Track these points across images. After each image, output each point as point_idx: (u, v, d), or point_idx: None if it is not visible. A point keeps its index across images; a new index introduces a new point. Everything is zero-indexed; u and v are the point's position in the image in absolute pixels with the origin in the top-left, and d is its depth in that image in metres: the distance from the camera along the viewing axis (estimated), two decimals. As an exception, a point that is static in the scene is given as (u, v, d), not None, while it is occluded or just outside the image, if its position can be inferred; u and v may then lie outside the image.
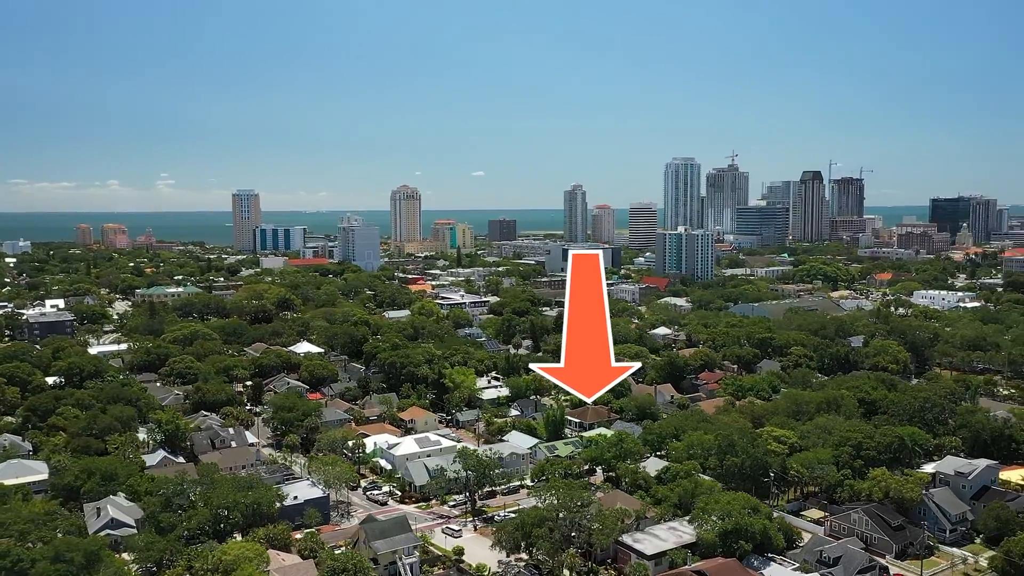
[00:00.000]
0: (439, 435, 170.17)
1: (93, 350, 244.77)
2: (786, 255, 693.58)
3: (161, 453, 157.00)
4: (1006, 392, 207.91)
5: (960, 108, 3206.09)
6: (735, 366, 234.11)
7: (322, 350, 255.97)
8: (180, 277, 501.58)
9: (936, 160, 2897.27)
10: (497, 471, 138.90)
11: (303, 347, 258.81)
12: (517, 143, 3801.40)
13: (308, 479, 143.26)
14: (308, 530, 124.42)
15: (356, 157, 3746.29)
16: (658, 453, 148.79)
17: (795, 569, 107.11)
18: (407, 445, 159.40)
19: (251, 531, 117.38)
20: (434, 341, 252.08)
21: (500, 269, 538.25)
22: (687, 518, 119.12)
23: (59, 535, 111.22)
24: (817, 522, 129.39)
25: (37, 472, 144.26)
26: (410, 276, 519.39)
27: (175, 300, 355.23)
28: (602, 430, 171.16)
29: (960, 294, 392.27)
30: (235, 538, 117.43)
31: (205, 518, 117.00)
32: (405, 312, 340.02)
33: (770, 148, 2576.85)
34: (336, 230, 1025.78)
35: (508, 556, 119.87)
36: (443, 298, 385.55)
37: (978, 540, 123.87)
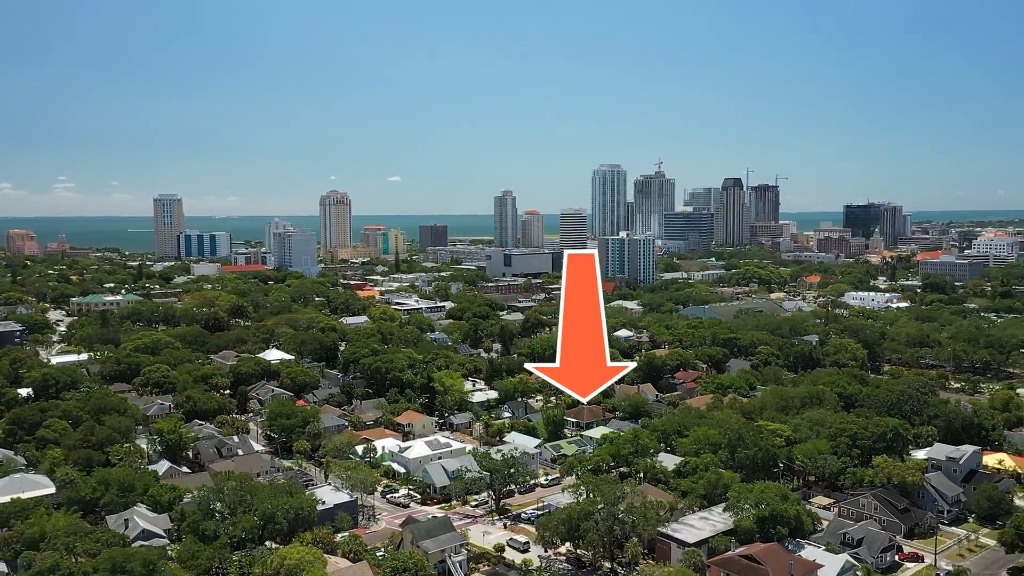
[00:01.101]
0: (447, 438, 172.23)
1: (55, 360, 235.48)
2: (713, 259, 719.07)
3: (166, 463, 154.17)
4: (957, 385, 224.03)
5: (866, 120, 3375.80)
6: (705, 365, 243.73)
7: (292, 357, 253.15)
8: (112, 285, 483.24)
9: (843, 169, 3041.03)
10: (520, 470, 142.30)
11: (273, 354, 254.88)
12: (435, 148, 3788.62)
13: (330, 484, 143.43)
14: (343, 533, 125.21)
15: (267, 162, 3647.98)
16: (666, 449, 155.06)
17: (826, 550, 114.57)
18: (419, 448, 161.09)
19: (297, 536, 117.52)
20: (410, 347, 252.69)
21: (445, 275, 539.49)
22: (717, 507, 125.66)
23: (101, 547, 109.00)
24: (825, 508, 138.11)
25: (42, 486, 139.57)
26: (352, 282, 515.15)
27: (122, 308, 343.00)
28: (602, 429, 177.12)
29: (888, 295, 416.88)
30: (272, 544, 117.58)
31: (250, 524, 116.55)
32: (363, 318, 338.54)
33: (692, 156, 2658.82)
34: (256, 236, 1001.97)
35: (547, 551, 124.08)
36: (397, 304, 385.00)
37: (971, 519, 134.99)
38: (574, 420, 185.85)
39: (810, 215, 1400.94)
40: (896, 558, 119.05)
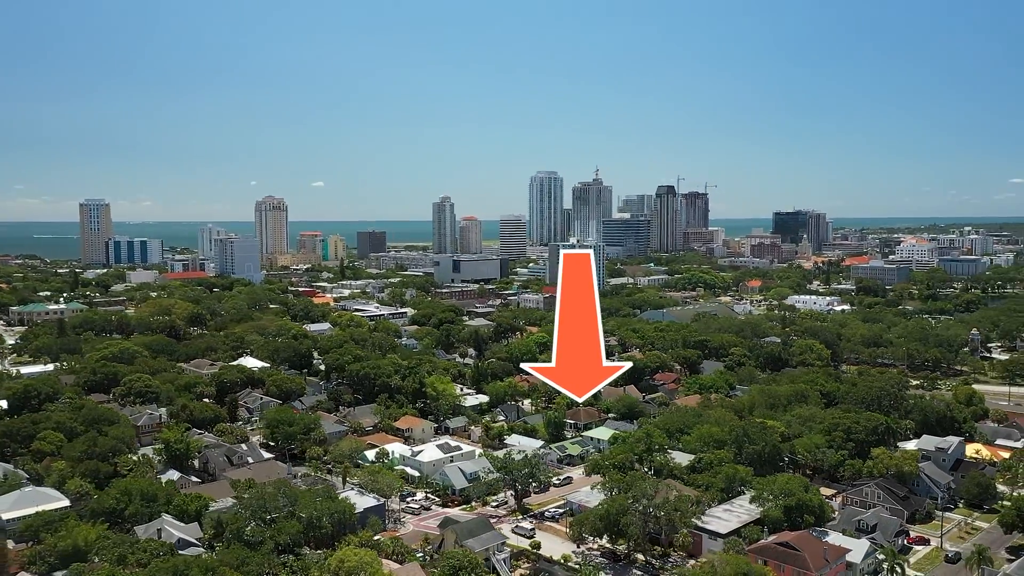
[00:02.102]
0: (457, 442, 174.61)
1: (25, 371, 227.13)
2: (651, 264, 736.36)
3: (175, 472, 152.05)
4: (916, 382, 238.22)
5: (787, 132, 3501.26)
6: (680, 367, 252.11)
7: (266, 364, 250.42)
8: (47, 293, 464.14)
9: (765, 178, 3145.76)
10: (540, 470, 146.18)
11: (248, 362, 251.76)
12: (362, 154, 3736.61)
13: (352, 489, 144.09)
14: (377, 536, 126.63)
15: (184, 165, 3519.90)
16: (675, 447, 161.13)
17: (847, 535, 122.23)
18: (431, 451, 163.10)
19: (341, 539, 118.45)
20: (387, 353, 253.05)
21: (395, 281, 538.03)
22: (737, 500, 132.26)
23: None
24: (828, 498, 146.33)
25: (54, 499, 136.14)
26: (301, 289, 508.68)
27: (74, 317, 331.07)
28: (603, 429, 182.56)
29: (828, 298, 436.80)
30: (307, 550, 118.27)
31: (295, 529, 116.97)
32: (326, 325, 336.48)
33: (626, 164, 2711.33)
34: (176, 241, 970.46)
35: (579, 547, 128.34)
36: (358, 310, 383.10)
37: (961, 505, 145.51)
38: (571, 421, 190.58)
39: (736, 221, 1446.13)
40: (905, 542, 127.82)
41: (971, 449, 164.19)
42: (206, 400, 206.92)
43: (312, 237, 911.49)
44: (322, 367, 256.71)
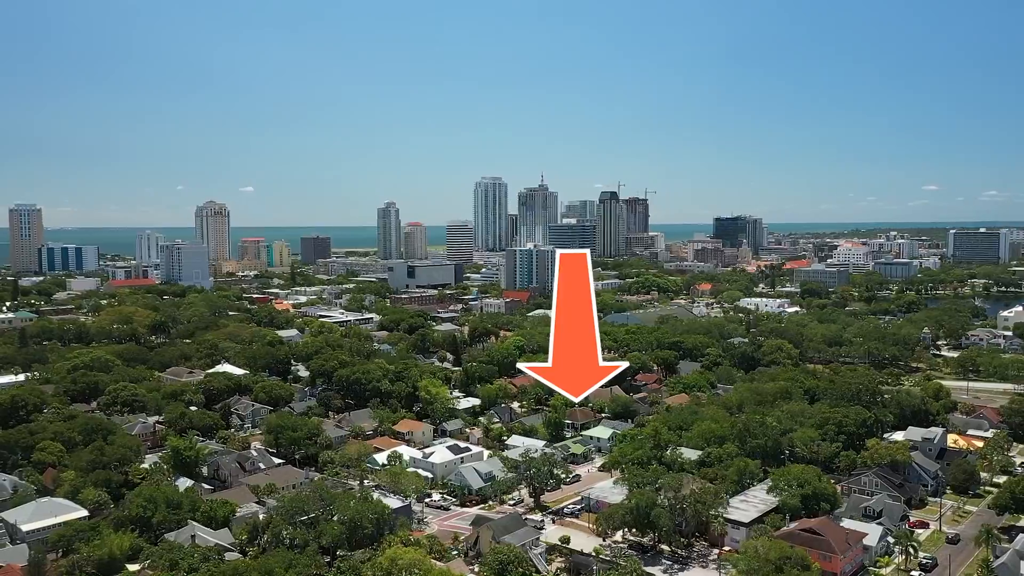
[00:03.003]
0: (466, 443, 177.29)
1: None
2: (600, 269, 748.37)
3: (187, 480, 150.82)
4: (880, 379, 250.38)
5: (721, 138, 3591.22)
6: (657, 368, 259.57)
7: (246, 371, 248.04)
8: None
9: (697, 184, 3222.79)
10: (558, 469, 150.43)
11: (225, 368, 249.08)
12: (299, 159, 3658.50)
13: (374, 491, 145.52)
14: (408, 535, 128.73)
15: (100, 170, 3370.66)
16: (678, 443, 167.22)
17: (855, 521, 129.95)
18: (441, 453, 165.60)
19: (381, 539, 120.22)
20: (366, 358, 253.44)
21: (349, 287, 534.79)
22: (750, 491, 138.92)
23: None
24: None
25: (71, 509, 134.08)
26: (255, 296, 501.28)
27: (32, 326, 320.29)
28: (601, 428, 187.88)
29: (779, 300, 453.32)
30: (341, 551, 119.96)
31: (338, 531, 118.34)
32: (293, 331, 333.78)
33: (569, 169, 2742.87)
34: (105, 248, 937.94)
35: (605, 540, 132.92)
36: (323, 316, 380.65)
37: (948, 491, 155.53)
38: (568, 421, 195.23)
39: (675, 227, 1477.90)
40: (907, 526, 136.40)
41: (948, 440, 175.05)
42: (192, 408, 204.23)
43: (255, 243, 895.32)
44: (301, 373, 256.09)
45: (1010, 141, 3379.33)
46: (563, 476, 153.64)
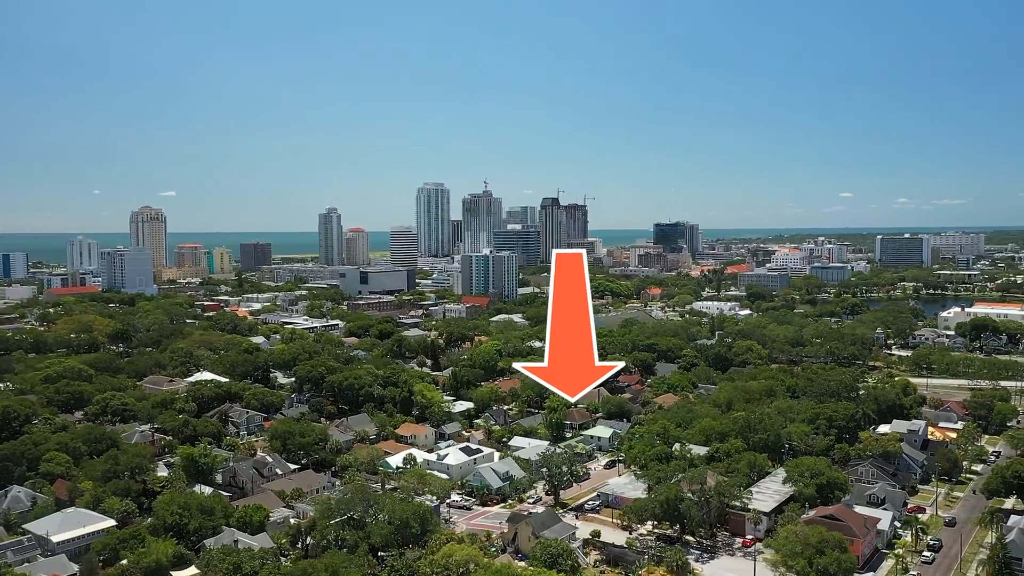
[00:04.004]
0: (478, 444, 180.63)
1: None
2: (544, 274, 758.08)
3: (206, 488, 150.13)
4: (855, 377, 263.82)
5: (656, 145, 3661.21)
6: (635, 369, 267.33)
7: (226, 379, 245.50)
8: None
9: (635, 190, 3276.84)
10: (577, 467, 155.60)
11: (205, 376, 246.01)
12: (227, 163, 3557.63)
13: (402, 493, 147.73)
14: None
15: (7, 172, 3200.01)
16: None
17: (864, 507, 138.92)
18: (456, 455, 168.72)
19: (427, 537, 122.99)
20: (353, 363, 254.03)
21: (302, 293, 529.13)
22: (763, 482, 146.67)
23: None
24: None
25: (98, 519, 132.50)
26: (206, 303, 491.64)
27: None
28: (600, 427, 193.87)
29: (730, 303, 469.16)
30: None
31: (387, 531, 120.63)
32: (260, 338, 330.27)
33: (511, 176, 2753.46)
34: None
35: (632, 533, 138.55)
36: (287, 323, 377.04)
37: (933, 478, 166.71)
38: (567, 422, 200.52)
39: (615, 232, 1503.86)
40: (906, 512, 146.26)
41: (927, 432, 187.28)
42: (181, 416, 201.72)
43: (192, 249, 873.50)
44: (281, 380, 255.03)
45: (919, 151, 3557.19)
46: (581, 473, 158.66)
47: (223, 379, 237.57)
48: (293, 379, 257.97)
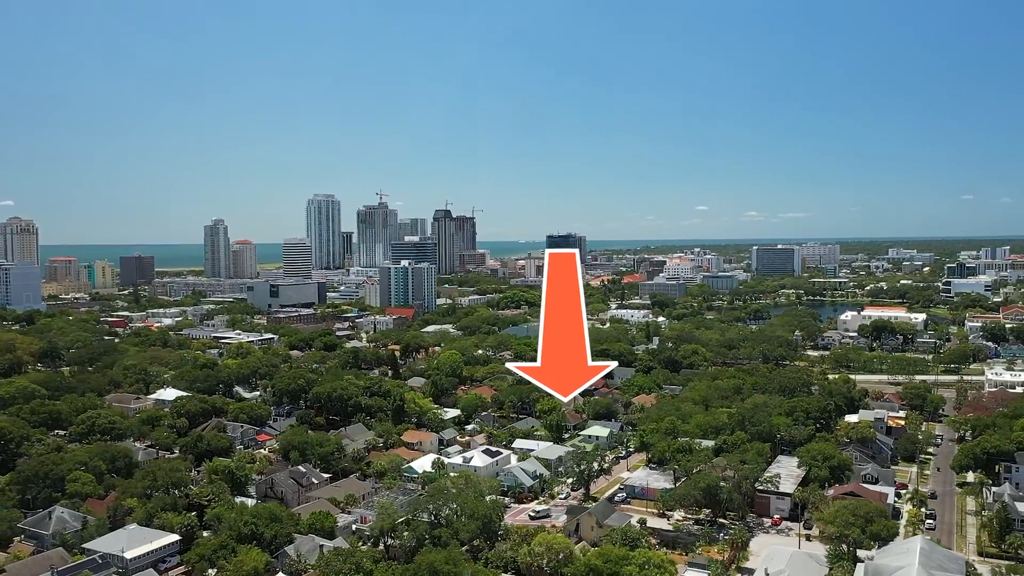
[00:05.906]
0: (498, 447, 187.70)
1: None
2: (446, 285, 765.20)
3: (249, 500, 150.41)
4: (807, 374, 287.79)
5: (522, 158, 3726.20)
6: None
7: (189, 394, 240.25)
8: None
9: (523, 202, 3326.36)
10: (602, 462, 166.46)
11: (170, 393, 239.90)
12: (82, 171, 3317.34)
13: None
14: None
15: None
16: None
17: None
18: (480, 457, 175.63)
19: (502, 532, 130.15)
20: (315, 375, 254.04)
21: (213, 307, 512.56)
22: (772, 468, 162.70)
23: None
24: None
25: (161, 535, 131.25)
26: (111, 319, 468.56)
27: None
28: (596, 427, 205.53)
29: (643, 311, 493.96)
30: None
31: (474, 528, 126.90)
32: (214, 352, 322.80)
33: (403, 188, 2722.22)
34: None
35: (669, 519, 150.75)
36: (222, 338, 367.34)
37: (900, 459, 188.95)
38: (563, 423, 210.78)
39: (505, 244, 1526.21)
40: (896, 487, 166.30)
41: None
42: (171, 431, 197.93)
43: (67, 263, 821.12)
44: (244, 394, 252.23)
45: (766, 168, 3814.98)
46: (606, 468, 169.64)
47: (187, 394, 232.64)
48: (257, 393, 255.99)
